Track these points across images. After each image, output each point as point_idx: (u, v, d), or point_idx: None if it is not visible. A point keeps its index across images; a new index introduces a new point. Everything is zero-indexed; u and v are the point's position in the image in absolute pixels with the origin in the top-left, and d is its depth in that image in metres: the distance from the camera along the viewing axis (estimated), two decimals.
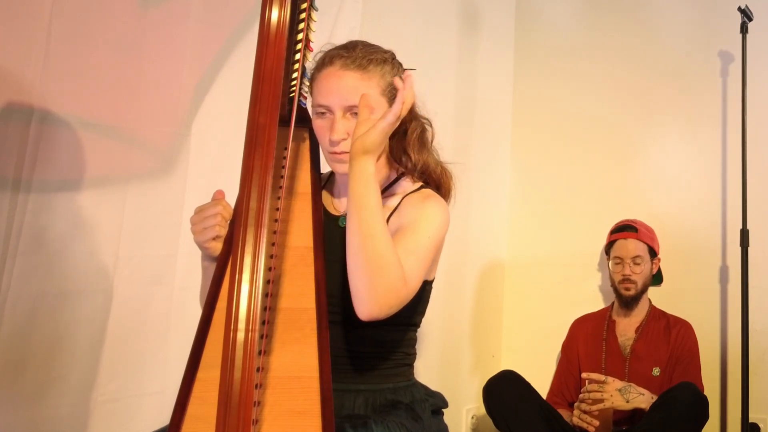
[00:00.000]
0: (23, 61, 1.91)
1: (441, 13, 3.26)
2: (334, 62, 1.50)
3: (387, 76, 1.53)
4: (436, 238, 1.51)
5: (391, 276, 1.35)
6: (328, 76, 1.50)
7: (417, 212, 1.52)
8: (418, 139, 1.64)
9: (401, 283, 1.36)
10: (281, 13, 1.25)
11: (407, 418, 1.51)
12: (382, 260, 1.34)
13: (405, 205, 1.56)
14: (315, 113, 1.53)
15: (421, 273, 1.46)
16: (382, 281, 1.34)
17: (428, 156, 1.65)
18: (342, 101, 1.48)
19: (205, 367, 1.30)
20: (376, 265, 1.34)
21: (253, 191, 1.21)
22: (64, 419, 2.03)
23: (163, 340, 2.23)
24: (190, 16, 2.28)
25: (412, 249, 1.44)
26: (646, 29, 3.40)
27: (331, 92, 1.49)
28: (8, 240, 1.89)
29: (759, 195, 3.00)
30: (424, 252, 1.47)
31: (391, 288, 1.35)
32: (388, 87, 1.53)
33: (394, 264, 1.35)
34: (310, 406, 1.27)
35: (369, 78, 1.50)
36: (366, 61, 1.50)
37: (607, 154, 3.44)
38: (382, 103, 1.51)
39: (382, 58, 1.54)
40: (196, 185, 2.26)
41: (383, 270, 1.34)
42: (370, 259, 1.34)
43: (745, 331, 2.81)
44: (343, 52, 1.51)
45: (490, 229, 3.57)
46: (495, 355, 3.55)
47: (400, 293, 1.37)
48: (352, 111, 1.48)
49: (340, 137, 1.48)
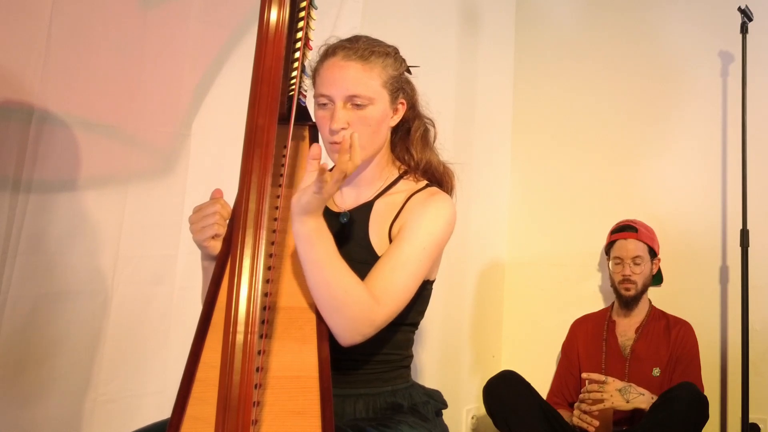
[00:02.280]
0: (23, 61, 1.91)
1: (441, 13, 3.26)
2: (336, 53, 1.52)
3: (389, 69, 1.54)
4: (435, 243, 1.53)
5: (354, 311, 1.39)
6: (331, 67, 1.51)
7: (419, 217, 1.53)
8: (421, 138, 1.66)
9: (369, 312, 1.41)
10: (280, 13, 1.25)
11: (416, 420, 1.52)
12: (338, 301, 1.38)
13: (411, 206, 1.57)
14: (317, 104, 1.54)
15: (410, 285, 1.49)
16: (345, 319, 1.39)
17: (431, 155, 1.67)
18: (343, 91, 1.49)
19: (204, 367, 1.30)
20: (333, 307, 1.38)
21: (252, 192, 1.21)
22: (64, 419, 2.03)
23: (163, 340, 2.23)
24: (190, 16, 2.28)
25: (402, 262, 1.48)
26: (647, 29, 3.40)
27: (332, 82, 1.50)
28: (8, 240, 1.89)
29: (759, 195, 3.00)
30: (415, 264, 1.49)
31: (358, 319, 1.40)
32: (390, 79, 1.54)
33: (354, 300, 1.39)
34: (310, 406, 1.27)
35: (370, 69, 1.51)
36: (368, 53, 1.51)
37: (607, 154, 3.44)
38: (383, 95, 1.53)
39: (384, 51, 1.55)
40: (196, 185, 2.26)
41: (343, 309, 1.38)
42: (328, 303, 1.39)
43: (745, 331, 2.81)
44: (346, 44, 1.53)
45: (490, 229, 3.56)
46: (495, 355, 3.55)
47: (374, 319, 1.42)
48: (353, 101, 1.50)
49: (339, 126, 1.49)
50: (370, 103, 1.51)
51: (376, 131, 1.54)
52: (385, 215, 1.58)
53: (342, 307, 1.38)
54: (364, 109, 1.50)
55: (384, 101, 1.53)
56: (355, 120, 1.50)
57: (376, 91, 1.51)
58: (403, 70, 1.60)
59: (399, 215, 1.56)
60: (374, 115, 1.52)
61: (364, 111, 1.51)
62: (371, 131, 1.53)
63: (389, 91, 1.54)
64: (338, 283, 1.38)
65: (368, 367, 1.54)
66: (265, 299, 1.33)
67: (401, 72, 1.59)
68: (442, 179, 1.68)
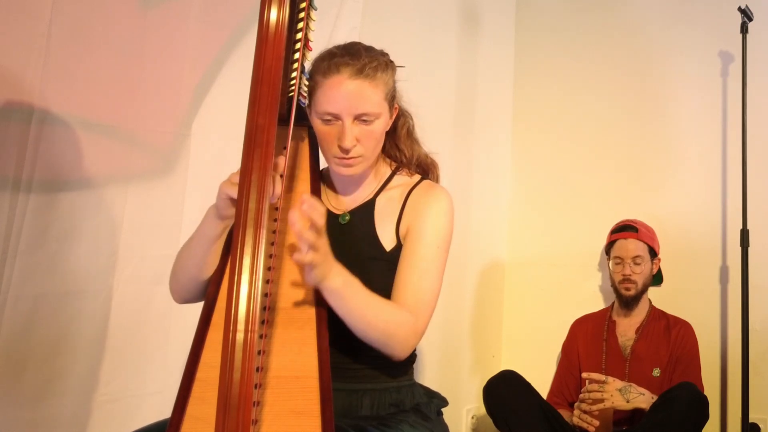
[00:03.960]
0: (23, 61, 1.91)
1: (441, 13, 3.26)
2: (341, 70, 1.50)
3: (390, 82, 1.56)
4: (445, 239, 1.58)
5: (401, 334, 1.48)
6: (337, 85, 1.50)
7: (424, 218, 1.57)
8: (407, 134, 1.69)
9: (413, 328, 1.49)
10: (280, 13, 1.25)
11: (418, 420, 1.54)
12: (385, 334, 1.46)
13: (412, 204, 1.59)
14: (321, 120, 1.53)
15: (437, 286, 1.56)
16: (396, 343, 1.48)
17: (419, 148, 1.71)
18: (352, 110, 1.50)
19: (204, 366, 1.30)
20: (383, 341, 1.47)
21: (252, 192, 1.21)
22: (64, 419, 2.03)
23: (163, 340, 2.23)
24: (190, 17, 2.28)
25: (424, 269, 1.53)
26: (646, 29, 3.40)
27: (340, 101, 1.50)
28: (8, 240, 1.89)
29: (759, 195, 3.00)
30: (435, 265, 1.55)
31: (406, 339, 1.49)
32: (390, 91, 1.56)
33: (398, 324, 1.47)
34: (310, 406, 1.27)
35: (376, 86, 1.52)
36: (372, 69, 1.52)
37: (608, 154, 3.44)
38: (385, 107, 1.55)
39: (384, 62, 1.56)
40: (196, 185, 2.26)
41: (392, 338, 1.47)
42: (376, 339, 1.47)
43: (745, 331, 2.81)
44: (349, 60, 1.51)
45: (490, 229, 3.57)
46: (495, 355, 3.56)
47: (417, 331, 1.51)
48: (361, 118, 1.51)
49: (352, 144, 1.50)
50: (377, 118, 1.53)
51: (379, 142, 1.58)
52: (388, 211, 1.61)
53: (390, 337, 1.47)
54: (370, 125, 1.52)
55: (386, 112, 1.56)
56: (363, 135, 1.52)
57: (381, 106, 1.53)
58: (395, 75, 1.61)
59: (403, 213, 1.59)
60: (379, 128, 1.55)
61: (371, 126, 1.53)
62: (376, 143, 1.56)
63: (388, 101, 1.57)
64: (379, 319, 1.45)
65: (374, 363, 1.55)
66: (265, 299, 1.33)
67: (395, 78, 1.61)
68: (429, 170, 1.72)
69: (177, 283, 1.60)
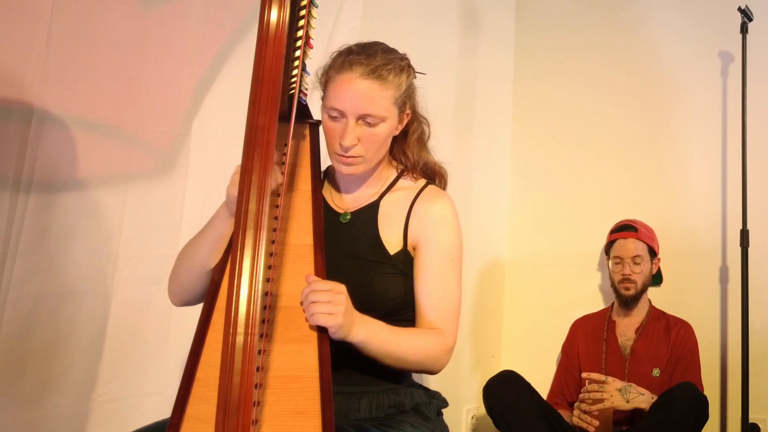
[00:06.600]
0: (23, 61, 1.91)
1: (441, 13, 3.26)
2: (353, 68, 1.50)
3: (402, 86, 1.55)
4: (459, 249, 1.64)
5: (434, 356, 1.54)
6: (348, 82, 1.50)
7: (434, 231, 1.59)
8: (417, 141, 1.69)
9: (444, 347, 1.56)
10: (280, 13, 1.25)
11: (419, 420, 1.54)
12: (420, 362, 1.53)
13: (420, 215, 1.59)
14: (327, 114, 1.54)
15: (458, 298, 1.62)
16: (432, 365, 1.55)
17: (427, 155, 1.70)
18: (357, 109, 1.50)
19: (204, 366, 1.30)
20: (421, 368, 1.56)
21: (252, 192, 1.21)
22: (64, 419, 2.03)
23: (163, 340, 2.23)
24: (191, 16, 2.28)
25: (443, 286, 1.58)
26: (646, 29, 3.40)
27: (346, 99, 1.50)
28: (8, 240, 1.89)
29: (759, 195, 2.99)
30: (452, 278, 1.61)
31: (440, 359, 1.55)
32: (401, 96, 1.55)
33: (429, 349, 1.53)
34: (310, 406, 1.27)
35: (385, 89, 1.52)
36: (386, 71, 1.51)
37: (607, 154, 3.44)
38: (393, 111, 1.54)
39: (400, 66, 1.55)
40: (196, 185, 2.26)
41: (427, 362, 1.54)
42: (414, 368, 1.57)
43: (745, 331, 2.81)
44: (363, 59, 1.51)
45: (490, 229, 3.56)
46: (495, 355, 3.55)
47: (449, 349, 1.57)
48: (366, 119, 1.51)
49: (352, 143, 1.50)
50: (382, 121, 1.53)
51: (383, 145, 1.58)
52: (393, 215, 1.61)
53: (423, 363, 1.53)
54: (375, 127, 1.52)
55: (393, 117, 1.55)
56: (366, 136, 1.52)
57: (388, 110, 1.53)
58: (412, 79, 1.60)
59: (410, 220, 1.59)
60: (384, 132, 1.54)
61: (375, 129, 1.53)
62: (379, 146, 1.56)
63: (398, 106, 1.56)
64: (409, 352, 1.50)
65: (372, 365, 1.54)
66: (266, 299, 1.33)
67: (411, 83, 1.60)
68: (436, 176, 1.72)
69: (178, 283, 1.61)
